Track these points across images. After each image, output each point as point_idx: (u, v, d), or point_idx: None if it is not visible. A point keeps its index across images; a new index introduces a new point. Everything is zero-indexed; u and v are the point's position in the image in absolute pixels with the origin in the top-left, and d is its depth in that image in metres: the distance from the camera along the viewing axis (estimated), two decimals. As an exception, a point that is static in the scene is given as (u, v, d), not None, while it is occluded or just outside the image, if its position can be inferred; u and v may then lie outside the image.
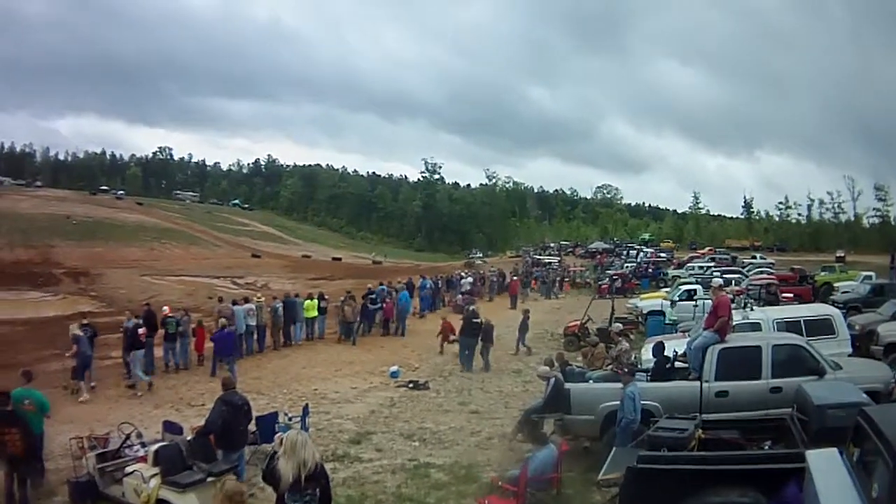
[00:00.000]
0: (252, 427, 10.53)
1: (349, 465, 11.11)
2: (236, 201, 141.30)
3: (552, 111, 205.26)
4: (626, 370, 11.02)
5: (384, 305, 25.28)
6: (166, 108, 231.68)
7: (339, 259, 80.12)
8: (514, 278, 41.50)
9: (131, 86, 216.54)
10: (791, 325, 13.85)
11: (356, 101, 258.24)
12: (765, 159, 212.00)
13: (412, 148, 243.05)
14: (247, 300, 21.75)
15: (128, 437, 9.92)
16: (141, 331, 16.99)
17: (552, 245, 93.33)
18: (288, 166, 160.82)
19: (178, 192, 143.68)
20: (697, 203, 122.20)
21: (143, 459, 9.13)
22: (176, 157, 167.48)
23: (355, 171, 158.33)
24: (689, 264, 50.34)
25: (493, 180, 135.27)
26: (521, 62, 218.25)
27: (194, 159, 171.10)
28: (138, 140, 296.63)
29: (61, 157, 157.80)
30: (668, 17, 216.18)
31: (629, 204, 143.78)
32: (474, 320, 20.34)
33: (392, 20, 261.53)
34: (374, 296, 25.35)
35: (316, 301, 23.59)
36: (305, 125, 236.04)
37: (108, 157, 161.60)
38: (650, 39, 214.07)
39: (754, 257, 60.11)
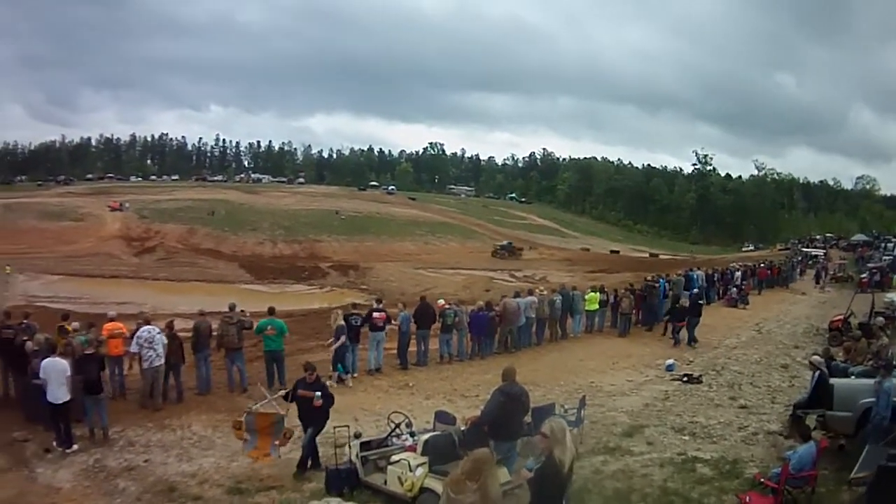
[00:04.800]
0: (527, 418, 10.49)
1: (619, 458, 11.53)
2: (513, 195, 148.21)
3: (800, 100, 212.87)
4: (881, 365, 11.16)
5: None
6: (420, 104, 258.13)
7: (617, 252, 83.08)
8: (761, 266, 43.13)
9: (380, 84, 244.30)
10: None
11: (612, 94, 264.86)
12: None
13: (673, 139, 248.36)
14: (531, 293, 22.91)
15: (397, 426, 10.42)
16: (377, 315, 17.72)
17: (818, 237, 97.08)
18: (563, 160, 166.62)
19: (453, 186, 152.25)
20: None
21: (412, 449, 9.51)
22: (448, 153, 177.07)
23: (630, 163, 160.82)
24: None
25: (762, 171, 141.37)
26: (762, 52, 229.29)
27: (467, 154, 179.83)
28: (394, 136, 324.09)
29: (324, 154, 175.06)
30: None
31: (885, 195, 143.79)
32: (699, 301, 24.04)
33: (624, 15, 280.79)
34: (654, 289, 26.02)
35: (597, 294, 24.25)
36: (565, 118, 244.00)
37: (376, 153, 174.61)
38: (877, 22, 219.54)
39: None
